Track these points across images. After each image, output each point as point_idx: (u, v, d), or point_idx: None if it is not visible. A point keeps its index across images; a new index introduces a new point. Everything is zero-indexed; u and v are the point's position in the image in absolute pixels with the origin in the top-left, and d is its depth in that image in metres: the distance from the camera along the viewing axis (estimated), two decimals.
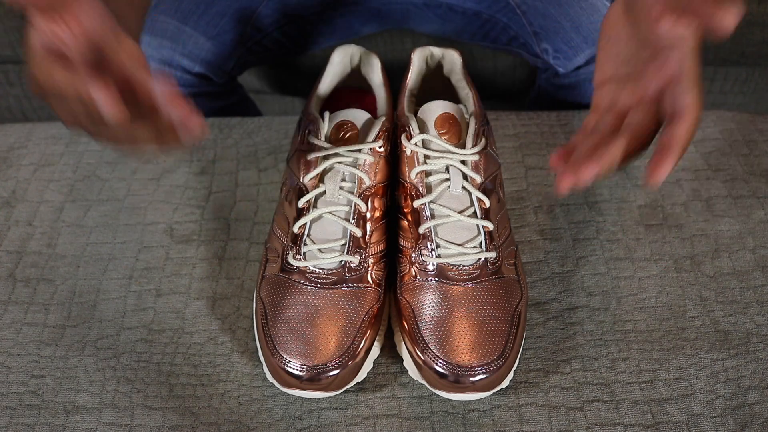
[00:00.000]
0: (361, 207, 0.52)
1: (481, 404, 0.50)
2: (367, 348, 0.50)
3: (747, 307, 0.55)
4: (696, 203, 0.63)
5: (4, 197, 0.66)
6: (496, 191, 0.54)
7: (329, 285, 0.50)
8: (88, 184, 0.67)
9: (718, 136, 0.69)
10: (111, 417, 0.50)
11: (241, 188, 0.66)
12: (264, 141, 0.71)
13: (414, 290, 0.51)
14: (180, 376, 0.52)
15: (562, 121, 0.71)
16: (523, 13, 0.78)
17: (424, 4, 0.84)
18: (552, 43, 0.77)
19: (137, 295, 0.58)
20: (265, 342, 0.49)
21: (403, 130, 0.54)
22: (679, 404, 0.50)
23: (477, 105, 0.58)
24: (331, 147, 0.53)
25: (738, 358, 0.52)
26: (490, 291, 0.50)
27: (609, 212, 0.63)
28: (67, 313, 0.57)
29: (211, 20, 0.77)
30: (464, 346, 0.48)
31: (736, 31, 0.96)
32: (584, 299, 0.56)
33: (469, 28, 0.84)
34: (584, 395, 0.50)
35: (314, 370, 0.47)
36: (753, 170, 0.66)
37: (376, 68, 0.61)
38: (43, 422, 0.50)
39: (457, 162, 0.53)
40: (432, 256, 0.51)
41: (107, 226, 0.63)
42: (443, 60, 0.62)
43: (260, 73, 1.06)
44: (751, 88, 1.09)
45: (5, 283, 0.59)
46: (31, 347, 0.54)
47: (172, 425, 0.50)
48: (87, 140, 0.71)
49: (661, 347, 0.53)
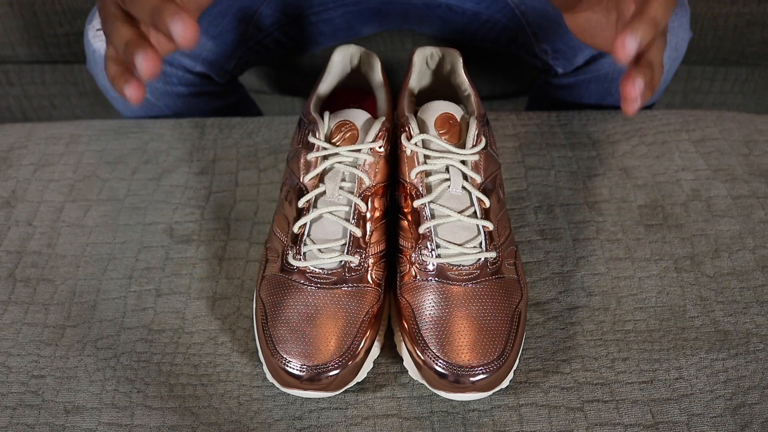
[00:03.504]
0: (361, 207, 0.52)
1: (481, 404, 0.50)
2: (367, 348, 0.50)
3: (747, 307, 0.55)
4: (696, 203, 0.63)
5: (4, 197, 0.66)
6: (496, 191, 0.54)
7: (329, 285, 0.51)
8: (88, 184, 0.67)
9: (718, 136, 0.69)
10: (111, 417, 0.50)
11: (241, 188, 0.66)
12: (264, 141, 0.71)
13: (414, 290, 0.51)
14: (180, 376, 0.52)
15: (562, 121, 0.71)
16: (522, 13, 0.78)
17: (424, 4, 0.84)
18: (551, 43, 0.77)
19: (137, 295, 0.58)
20: (265, 342, 0.49)
21: (403, 130, 0.54)
22: (679, 404, 0.50)
23: (477, 105, 0.58)
24: (331, 147, 0.53)
25: (738, 358, 0.52)
26: (490, 291, 0.50)
27: (609, 212, 0.63)
28: (67, 313, 0.57)
29: (212, 20, 0.77)
30: (464, 346, 0.48)
31: (736, 31, 0.96)
32: (584, 299, 0.56)
33: (469, 28, 0.84)
34: (584, 395, 0.50)
35: (314, 370, 0.47)
36: (753, 170, 0.66)
37: (376, 68, 0.61)
38: (43, 422, 0.50)
39: (457, 162, 0.53)
40: (432, 256, 0.51)
41: (107, 226, 0.63)
42: (443, 60, 0.62)
43: (260, 73, 1.06)
44: (751, 88, 1.09)
45: (5, 283, 0.59)
46: (31, 347, 0.54)
47: (172, 425, 0.50)
48: (87, 140, 0.71)
49: (661, 347, 0.53)
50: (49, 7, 0.97)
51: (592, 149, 0.68)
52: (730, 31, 0.96)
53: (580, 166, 0.67)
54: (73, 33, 1.00)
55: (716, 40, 0.97)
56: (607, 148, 0.68)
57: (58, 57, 1.05)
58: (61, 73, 1.10)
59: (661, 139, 0.69)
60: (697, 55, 1.00)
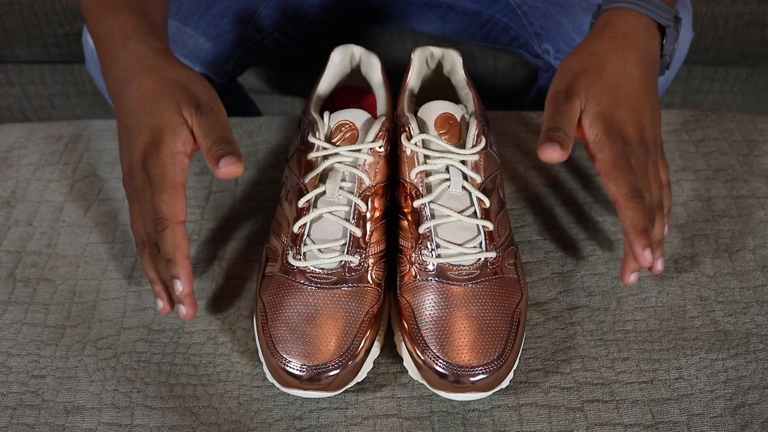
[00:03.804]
0: (361, 207, 0.52)
1: (481, 404, 0.50)
2: (367, 348, 0.50)
3: (747, 307, 0.55)
4: (696, 203, 0.63)
5: (4, 197, 0.66)
6: (496, 191, 0.54)
7: (329, 285, 0.50)
8: (88, 184, 0.67)
9: (718, 136, 0.69)
10: (111, 417, 0.50)
11: (241, 188, 0.66)
12: (264, 141, 0.71)
13: (414, 290, 0.51)
14: (180, 376, 0.52)
15: None
16: (523, 13, 0.78)
17: (424, 4, 0.84)
18: (553, 43, 0.77)
19: (137, 295, 0.58)
20: (265, 342, 0.49)
21: (403, 130, 0.54)
22: (679, 404, 0.50)
23: (477, 105, 0.58)
24: (331, 147, 0.53)
25: (738, 358, 0.52)
26: (490, 291, 0.50)
27: (609, 212, 0.63)
28: (67, 313, 0.57)
29: (211, 21, 0.77)
30: (464, 346, 0.48)
31: (736, 31, 0.96)
32: (584, 299, 0.56)
33: (470, 28, 0.84)
34: (584, 395, 0.50)
35: (314, 370, 0.47)
36: (753, 170, 0.66)
37: (376, 68, 0.61)
38: (43, 422, 0.50)
39: (457, 162, 0.53)
40: (432, 256, 0.51)
41: (107, 226, 0.63)
42: (443, 60, 0.62)
43: (260, 73, 1.06)
44: (751, 88, 1.09)
45: (5, 283, 0.59)
46: (31, 347, 0.54)
47: (172, 425, 0.50)
48: (87, 140, 0.71)
49: (661, 347, 0.53)
50: (49, 7, 0.97)
51: None
52: (730, 31, 0.96)
53: (580, 166, 0.67)
54: (73, 33, 1.00)
55: (716, 40, 0.97)
56: None
57: (58, 57, 1.05)
58: (61, 73, 1.10)
59: (662, 139, 0.69)
60: (697, 55, 1.00)
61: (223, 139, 0.49)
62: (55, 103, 1.14)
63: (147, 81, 0.51)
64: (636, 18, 0.55)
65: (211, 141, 0.49)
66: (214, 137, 0.49)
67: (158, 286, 0.52)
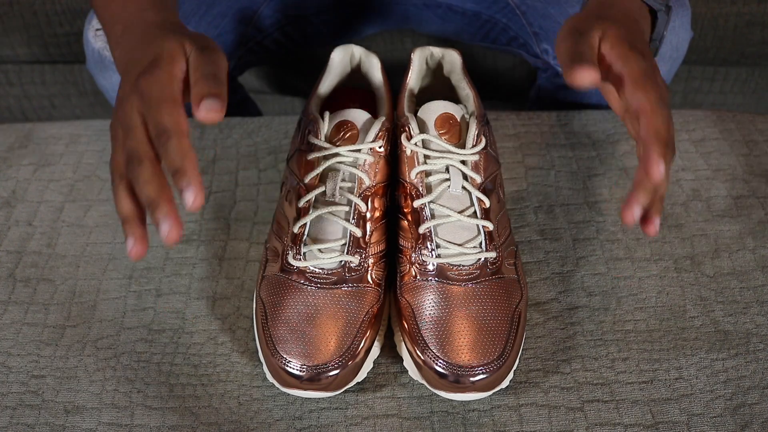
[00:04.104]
0: (361, 207, 0.52)
1: (481, 404, 0.50)
2: (367, 348, 0.50)
3: (747, 307, 0.55)
4: (696, 203, 0.63)
5: (4, 197, 0.66)
6: (496, 191, 0.54)
7: (329, 285, 0.51)
8: (88, 184, 0.67)
9: (718, 136, 0.69)
10: (111, 417, 0.50)
11: (241, 188, 0.66)
12: (264, 141, 0.71)
13: (414, 290, 0.51)
14: (180, 376, 0.52)
15: (562, 121, 0.71)
16: (522, 13, 0.78)
17: (423, 4, 0.84)
18: (552, 43, 0.77)
19: (137, 295, 0.58)
20: (265, 342, 0.49)
21: (403, 130, 0.54)
22: (679, 404, 0.50)
23: (477, 105, 0.58)
24: (331, 147, 0.53)
25: (738, 358, 0.52)
26: (490, 291, 0.50)
27: (609, 212, 0.63)
28: (67, 313, 0.57)
29: (212, 21, 0.77)
30: (464, 346, 0.48)
31: (736, 31, 0.96)
32: (584, 299, 0.56)
33: (469, 28, 0.84)
34: (584, 395, 0.50)
35: (314, 370, 0.47)
36: (753, 170, 0.66)
37: (376, 68, 0.61)
38: (43, 422, 0.50)
39: (457, 162, 0.53)
40: (432, 256, 0.51)
41: (107, 226, 0.63)
42: (443, 60, 0.62)
43: (260, 73, 1.06)
44: (751, 88, 1.09)
45: (5, 283, 0.59)
46: (31, 347, 0.54)
47: (172, 425, 0.50)
48: (87, 140, 0.71)
49: (661, 347, 0.53)
50: (49, 7, 0.97)
51: (592, 149, 0.68)
52: (730, 31, 0.96)
53: (580, 166, 0.67)
54: (73, 33, 1.00)
55: (716, 40, 0.97)
56: (607, 148, 0.68)
57: (58, 57, 1.05)
58: (61, 73, 1.10)
59: None
60: (697, 55, 1.00)
61: (213, 75, 0.46)
62: (55, 103, 1.14)
63: (160, 38, 0.49)
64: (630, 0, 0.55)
65: (199, 74, 0.46)
66: (205, 71, 0.46)
67: (132, 223, 0.44)
